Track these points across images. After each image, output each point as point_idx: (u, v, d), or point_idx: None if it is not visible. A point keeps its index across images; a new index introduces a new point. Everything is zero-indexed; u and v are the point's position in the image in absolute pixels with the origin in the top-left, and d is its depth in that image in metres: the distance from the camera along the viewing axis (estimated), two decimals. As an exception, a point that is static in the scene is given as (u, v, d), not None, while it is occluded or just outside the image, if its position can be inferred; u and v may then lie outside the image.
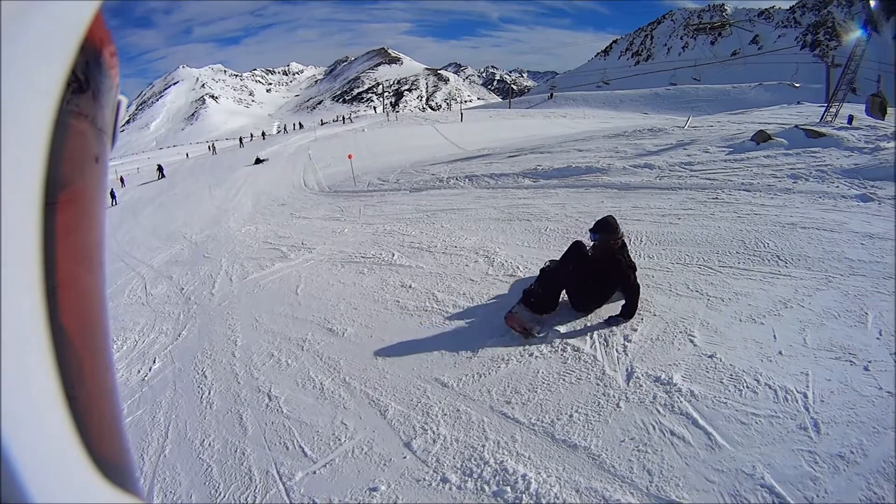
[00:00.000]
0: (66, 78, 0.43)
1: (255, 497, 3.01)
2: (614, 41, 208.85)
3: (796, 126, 10.03)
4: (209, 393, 4.29)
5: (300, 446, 3.34)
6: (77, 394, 0.44)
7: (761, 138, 9.60)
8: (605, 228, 4.18)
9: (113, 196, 27.81)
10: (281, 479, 3.10)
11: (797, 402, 2.86)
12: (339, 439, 3.31)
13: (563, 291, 4.36)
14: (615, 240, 4.19)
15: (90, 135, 0.50)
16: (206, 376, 4.60)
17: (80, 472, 0.44)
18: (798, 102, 28.25)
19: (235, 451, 3.46)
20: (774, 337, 3.51)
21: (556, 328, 4.11)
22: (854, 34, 14.66)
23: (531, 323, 4.17)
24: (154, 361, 5.21)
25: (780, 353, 3.32)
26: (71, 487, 0.42)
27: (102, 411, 0.51)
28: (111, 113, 0.55)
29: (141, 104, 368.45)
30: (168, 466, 3.50)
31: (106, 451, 0.48)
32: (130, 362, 5.35)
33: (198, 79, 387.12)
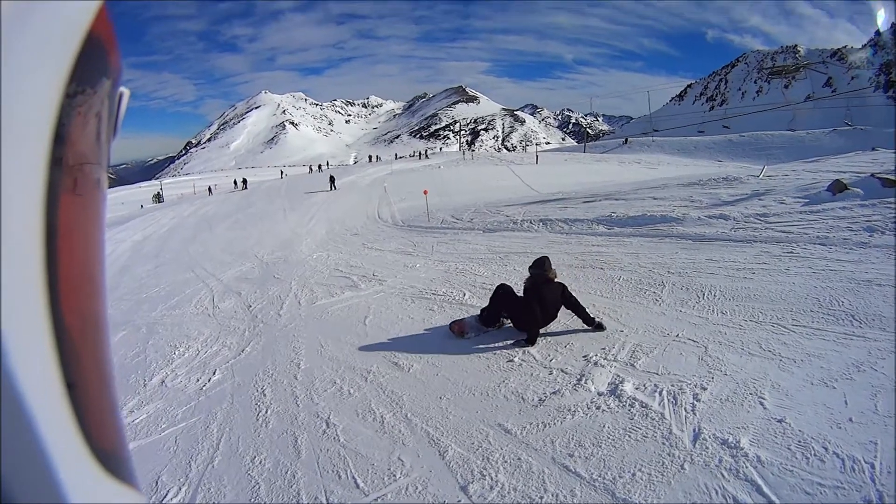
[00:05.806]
0: (68, 75, 0.45)
1: (300, 521, 3.00)
2: (689, 85, 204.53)
3: (872, 175, 9.57)
4: (266, 412, 4.35)
5: (353, 477, 3.33)
6: (76, 388, 0.46)
7: (838, 188, 9.16)
8: (536, 266, 5.10)
9: (245, 182, 42.27)
10: (329, 507, 3.09)
11: (864, 472, 2.69)
12: (395, 475, 3.30)
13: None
14: (542, 275, 5.02)
15: (92, 132, 0.52)
16: (265, 394, 4.68)
17: (79, 463, 0.46)
18: (873, 149, 26.88)
19: (286, 472, 3.48)
20: (846, 402, 3.32)
21: (623, 381, 4.02)
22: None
23: (469, 330, 5.30)
24: (214, 373, 5.33)
25: (851, 419, 3.13)
26: (70, 479, 0.43)
27: (101, 405, 0.54)
28: (113, 106, 0.58)
29: (223, 124, 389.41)
30: (215, 477, 3.55)
31: (104, 443, 0.50)
32: (190, 370, 5.52)
33: (279, 105, 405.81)
